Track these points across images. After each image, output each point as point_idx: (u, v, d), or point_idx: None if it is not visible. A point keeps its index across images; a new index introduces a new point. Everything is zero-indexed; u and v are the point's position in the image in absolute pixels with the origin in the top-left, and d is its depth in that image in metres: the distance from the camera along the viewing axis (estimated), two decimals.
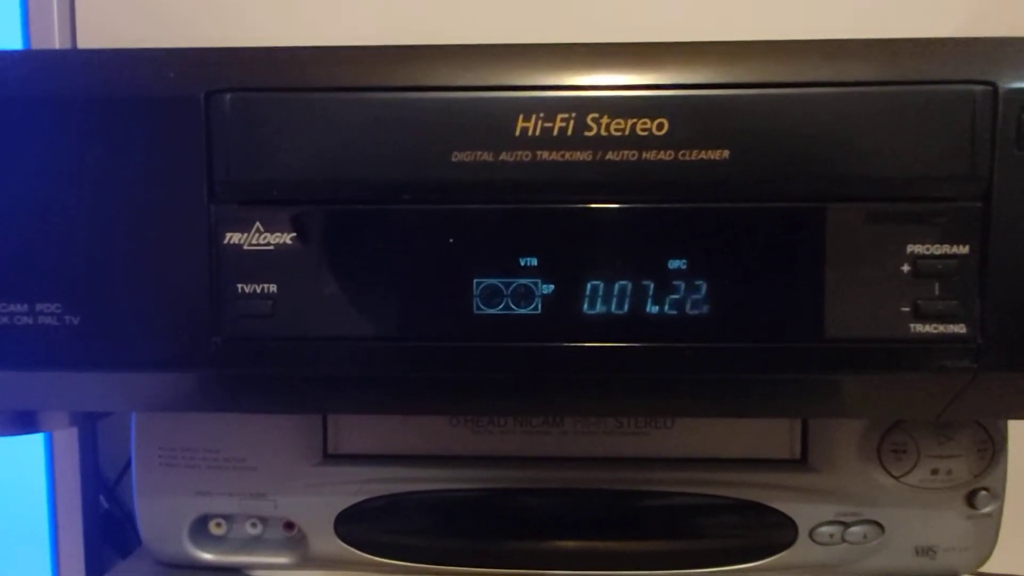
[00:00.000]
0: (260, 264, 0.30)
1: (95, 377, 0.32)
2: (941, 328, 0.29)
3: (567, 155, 0.29)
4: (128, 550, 0.53)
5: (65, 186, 0.30)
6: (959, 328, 0.29)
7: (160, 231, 0.30)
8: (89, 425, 0.53)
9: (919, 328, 0.29)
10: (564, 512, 0.43)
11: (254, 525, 0.44)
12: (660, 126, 0.29)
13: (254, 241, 0.30)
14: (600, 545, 0.43)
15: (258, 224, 0.30)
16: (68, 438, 0.53)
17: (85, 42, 0.51)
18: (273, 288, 0.30)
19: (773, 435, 0.43)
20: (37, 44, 0.49)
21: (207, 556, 0.44)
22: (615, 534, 0.43)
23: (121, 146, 0.30)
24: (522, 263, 0.30)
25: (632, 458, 0.43)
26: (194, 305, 0.30)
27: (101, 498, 0.57)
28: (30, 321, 0.30)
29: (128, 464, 0.46)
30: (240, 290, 0.30)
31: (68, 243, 0.30)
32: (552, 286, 0.30)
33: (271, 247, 0.30)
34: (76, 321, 0.30)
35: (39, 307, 0.30)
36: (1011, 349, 0.29)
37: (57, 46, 0.49)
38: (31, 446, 0.53)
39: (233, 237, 0.30)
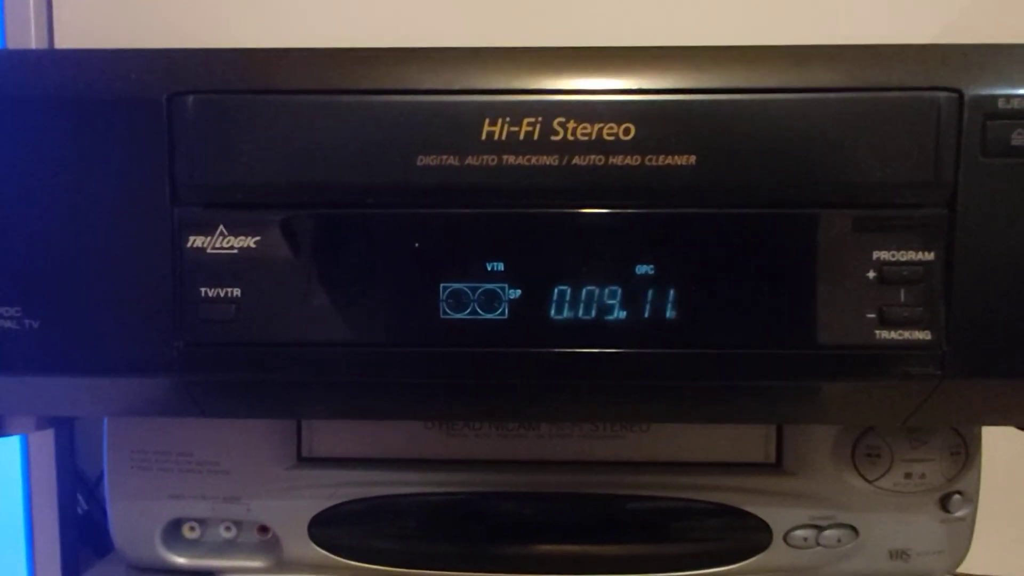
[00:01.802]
0: (224, 268, 0.30)
1: (56, 382, 0.31)
2: (906, 335, 0.29)
3: (533, 159, 0.29)
4: (107, 550, 0.52)
5: (26, 188, 0.30)
6: (924, 335, 0.29)
7: (123, 234, 0.30)
8: (66, 425, 0.53)
9: (884, 334, 0.29)
10: (538, 516, 0.43)
11: (228, 529, 0.43)
12: (627, 131, 0.29)
13: (217, 244, 0.30)
14: (575, 549, 0.43)
15: (221, 227, 0.30)
16: (44, 438, 0.52)
17: (63, 42, 0.50)
18: (237, 292, 0.30)
19: (748, 439, 0.43)
20: (13, 44, 0.48)
21: (180, 560, 0.44)
22: (590, 538, 0.43)
23: (83, 148, 0.30)
24: (489, 268, 0.30)
25: (607, 462, 0.43)
26: (157, 309, 0.30)
27: (80, 499, 0.57)
28: None
29: None
30: (203, 294, 0.30)
31: (28, 245, 0.30)
32: (519, 291, 0.30)
33: (235, 251, 0.30)
34: (36, 325, 0.30)
35: None
36: (976, 356, 0.29)
37: (34, 46, 0.49)
38: (7, 445, 0.52)
39: (196, 240, 0.30)
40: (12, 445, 0.52)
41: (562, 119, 0.29)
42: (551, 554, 0.43)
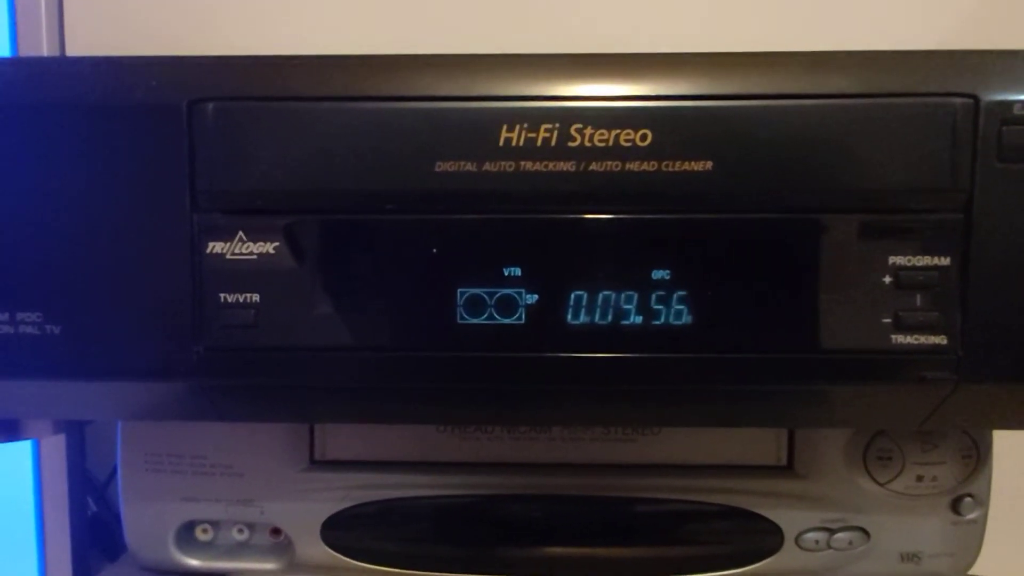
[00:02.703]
0: (243, 274, 0.30)
1: (76, 386, 0.31)
2: (922, 339, 0.29)
3: (551, 165, 0.29)
4: (117, 553, 0.52)
5: (47, 194, 0.30)
6: (940, 339, 0.29)
7: (143, 240, 0.30)
8: (76, 428, 0.53)
9: (900, 339, 0.29)
10: (550, 518, 0.43)
11: (241, 531, 0.44)
12: (644, 137, 0.29)
13: (237, 251, 0.30)
14: (587, 551, 0.43)
15: (241, 234, 0.30)
16: (56, 440, 0.52)
17: (74, 50, 0.51)
18: (256, 298, 0.30)
19: (759, 442, 0.43)
20: (25, 51, 0.48)
21: (193, 562, 0.44)
22: (602, 540, 0.43)
23: (104, 155, 0.30)
24: (506, 273, 0.30)
25: (619, 464, 0.43)
26: (176, 315, 0.30)
27: (90, 501, 0.57)
28: (11, 330, 0.30)
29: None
30: (223, 300, 0.30)
31: (50, 251, 0.30)
32: (536, 296, 0.30)
33: (254, 257, 0.30)
34: (57, 330, 0.30)
35: (20, 316, 0.30)
36: (991, 360, 0.29)
37: (46, 53, 0.49)
38: (18, 447, 0.52)
39: (216, 247, 0.30)
40: (24, 447, 0.52)
41: (579, 125, 0.29)
42: (563, 556, 0.43)
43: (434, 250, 0.30)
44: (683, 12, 0.49)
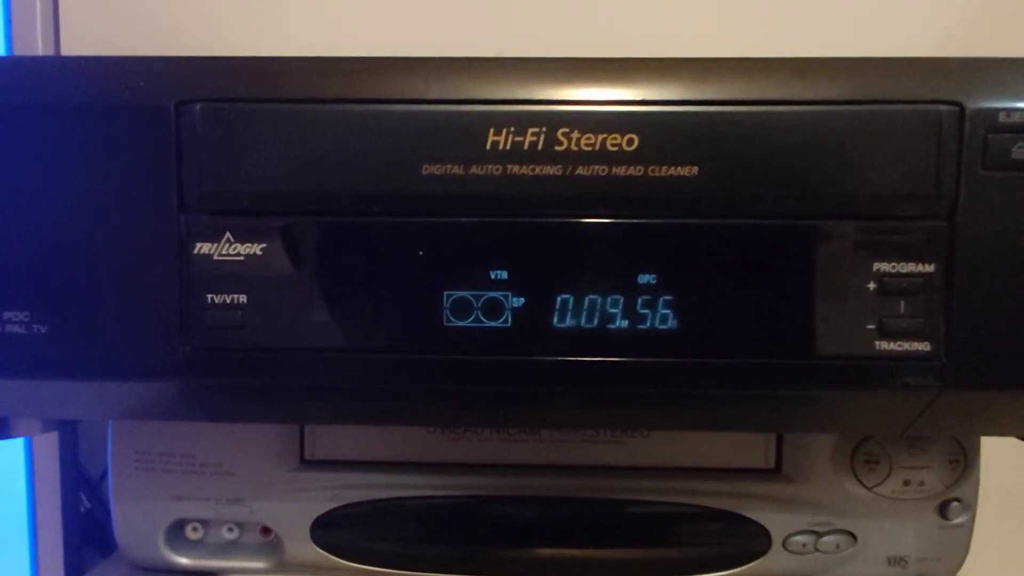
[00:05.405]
0: (230, 275, 0.30)
1: (63, 386, 0.32)
2: (906, 346, 0.30)
3: (537, 169, 0.29)
4: (111, 550, 0.52)
5: (34, 194, 0.30)
6: (923, 346, 0.30)
7: (130, 240, 0.30)
8: (69, 425, 0.53)
9: (884, 345, 0.30)
10: (539, 519, 0.43)
11: (230, 530, 0.44)
12: (630, 141, 0.29)
13: (224, 252, 0.30)
14: (575, 553, 0.43)
15: (228, 235, 0.30)
16: (48, 437, 0.53)
17: (69, 49, 0.51)
18: (243, 299, 0.30)
19: (748, 445, 0.43)
20: (21, 51, 0.49)
21: (183, 560, 0.44)
22: (590, 542, 0.43)
23: (92, 155, 0.30)
24: (492, 276, 0.30)
25: (608, 467, 0.43)
26: (163, 315, 0.30)
27: (83, 497, 0.57)
28: None
29: None
30: (210, 300, 0.30)
31: (37, 251, 0.30)
32: (522, 299, 0.30)
33: (241, 258, 0.30)
34: (44, 330, 0.30)
35: (6, 315, 0.30)
36: (975, 367, 0.30)
37: (41, 52, 0.49)
38: (11, 445, 0.53)
39: (203, 247, 0.30)
40: (16, 444, 0.53)
41: (566, 129, 0.29)
42: (551, 558, 0.43)
43: (420, 253, 0.30)
44: (675, 17, 0.49)
